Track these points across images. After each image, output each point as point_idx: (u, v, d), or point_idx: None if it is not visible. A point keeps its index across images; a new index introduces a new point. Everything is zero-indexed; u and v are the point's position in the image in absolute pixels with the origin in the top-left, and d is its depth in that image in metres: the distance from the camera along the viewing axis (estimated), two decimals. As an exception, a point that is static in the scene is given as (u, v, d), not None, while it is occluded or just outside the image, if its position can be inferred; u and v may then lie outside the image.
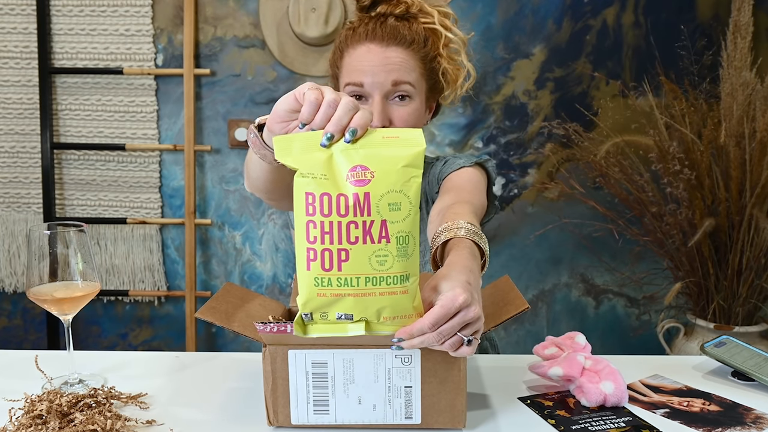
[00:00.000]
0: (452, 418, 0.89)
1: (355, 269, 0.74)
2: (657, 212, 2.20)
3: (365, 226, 0.74)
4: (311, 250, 0.74)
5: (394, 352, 0.87)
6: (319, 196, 0.74)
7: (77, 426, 0.87)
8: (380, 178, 0.75)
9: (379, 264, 0.74)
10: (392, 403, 0.89)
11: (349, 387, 0.88)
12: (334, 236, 0.74)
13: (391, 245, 0.75)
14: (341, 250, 0.73)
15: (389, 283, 0.75)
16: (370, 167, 0.75)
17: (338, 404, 0.89)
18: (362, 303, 0.75)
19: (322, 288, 0.74)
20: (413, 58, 1.21)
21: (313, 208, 0.74)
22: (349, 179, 0.75)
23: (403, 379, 0.88)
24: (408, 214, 0.75)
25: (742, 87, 2.10)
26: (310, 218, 0.74)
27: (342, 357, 0.87)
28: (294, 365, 0.88)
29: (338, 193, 0.74)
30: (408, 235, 0.75)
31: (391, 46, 1.19)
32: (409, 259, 0.76)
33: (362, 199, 0.74)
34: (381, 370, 0.88)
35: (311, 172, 0.75)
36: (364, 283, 0.74)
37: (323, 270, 0.74)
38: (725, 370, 1.11)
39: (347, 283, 0.74)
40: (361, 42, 1.20)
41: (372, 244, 0.74)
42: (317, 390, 0.88)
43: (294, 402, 0.89)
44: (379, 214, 0.74)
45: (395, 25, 1.20)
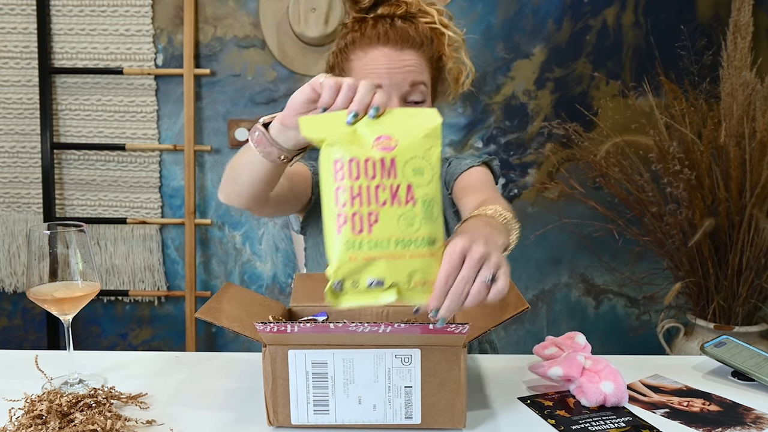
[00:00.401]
0: (452, 418, 0.89)
1: (385, 231, 0.76)
2: (657, 212, 2.20)
3: (392, 189, 0.77)
4: (341, 215, 0.76)
5: (394, 352, 0.87)
6: (347, 161, 0.77)
7: (77, 426, 0.87)
8: (404, 145, 0.78)
9: (407, 226, 0.76)
10: (392, 403, 0.89)
11: (349, 387, 0.88)
12: (363, 199, 0.76)
13: (418, 208, 0.77)
14: (370, 213, 0.76)
15: (418, 245, 0.76)
16: (394, 136, 0.79)
17: (338, 404, 0.89)
18: (393, 266, 0.76)
19: (353, 251, 0.75)
20: (423, 59, 1.21)
21: (341, 174, 0.77)
22: (375, 146, 0.78)
23: (403, 379, 0.88)
24: (431, 179, 0.78)
25: (742, 87, 2.10)
26: (338, 184, 0.77)
27: (342, 357, 0.87)
28: (294, 365, 0.88)
29: (366, 158, 0.77)
30: (432, 199, 0.78)
31: (405, 48, 1.19)
32: (434, 223, 0.78)
33: (388, 163, 0.77)
34: (381, 370, 0.88)
35: (338, 140, 0.78)
36: (394, 246, 0.76)
37: (354, 233, 0.75)
38: (725, 370, 1.11)
39: (378, 245, 0.75)
40: (374, 45, 1.19)
41: (399, 206, 0.76)
42: (317, 390, 0.88)
43: (294, 402, 0.89)
44: (404, 177, 0.77)
45: (404, 27, 1.20)
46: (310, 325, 0.84)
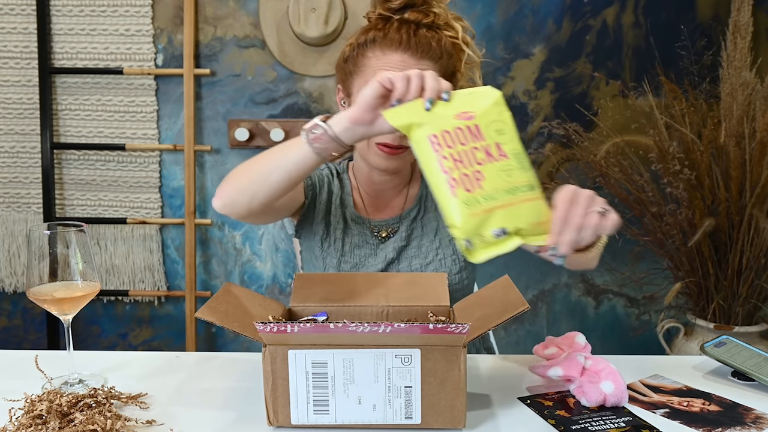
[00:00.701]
0: (452, 418, 0.89)
1: (492, 184, 0.84)
2: (657, 212, 2.20)
3: (485, 149, 0.86)
4: (450, 179, 0.84)
5: (394, 352, 0.87)
6: (440, 134, 0.87)
7: (77, 426, 0.87)
8: (480, 114, 0.88)
9: (508, 176, 0.85)
10: (392, 403, 0.89)
11: (349, 387, 0.88)
12: (465, 161, 0.85)
13: (511, 160, 0.86)
14: (475, 172, 0.84)
15: (523, 191, 0.85)
16: (469, 110, 0.89)
17: (338, 404, 0.89)
18: (509, 213, 0.84)
19: (472, 207, 0.83)
20: (439, 71, 1.20)
21: (439, 145, 0.86)
22: (458, 119, 0.88)
23: (402, 379, 0.88)
24: (512, 136, 0.88)
25: (742, 87, 2.10)
26: (439, 155, 0.86)
27: (342, 357, 0.87)
28: (294, 365, 0.88)
29: (454, 128, 0.87)
30: (519, 151, 0.88)
31: (424, 58, 1.19)
32: (528, 171, 0.87)
33: (474, 129, 0.87)
34: (381, 370, 0.88)
35: (427, 122, 0.88)
36: (504, 194, 0.84)
37: (467, 191, 0.84)
38: (725, 370, 1.12)
39: (491, 197, 0.83)
40: (394, 49, 1.19)
41: (496, 161, 0.86)
42: (317, 390, 0.88)
43: (294, 402, 0.89)
44: (491, 138, 0.87)
45: (427, 36, 1.19)
46: (310, 325, 0.85)
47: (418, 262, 1.31)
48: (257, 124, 2.46)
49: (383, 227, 1.34)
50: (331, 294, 1.09)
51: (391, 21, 1.22)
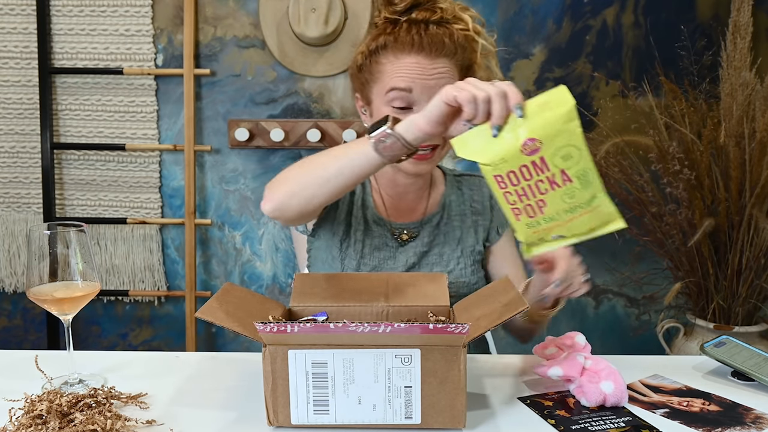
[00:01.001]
0: (452, 418, 0.89)
1: (554, 209, 0.89)
2: (657, 212, 2.20)
3: (549, 179, 0.88)
4: (515, 209, 0.91)
5: (394, 352, 0.87)
6: (505, 174, 0.90)
7: (77, 426, 0.87)
8: (547, 142, 0.87)
9: (570, 198, 0.89)
10: (392, 403, 0.89)
11: (349, 387, 0.88)
12: (528, 195, 0.89)
13: (574, 183, 0.88)
14: (538, 201, 0.89)
15: (582, 206, 0.89)
16: (537, 137, 0.88)
17: (338, 404, 0.89)
18: (569, 226, 0.91)
19: (534, 228, 0.90)
20: (455, 66, 1.20)
21: (504, 184, 0.90)
22: (524, 152, 0.88)
23: (402, 379, 0.88)
24: (580, 157, 0.88)
25: (742, 87, 2.10)
26: (505, 191, 0.90)
27: (342, 357, 0.87)
28: (294, 365, 0.88)
29: (519, 166, 0.89)
30: (585, 170, 0.88)
31: (439, 57, 1.18)
32: (591, 185, 0.89)
33: (539, 162, 0.88)
34: (381, 370, 0.88)
35: (492, 162, 0.90)
36: (564, 214, 0.89)
37: (529, 218, 0.90)
38: (725, 370, 1.12)
39: (551, 218, 0.90)
40: (407, 52, 1.18)
41: (559, 188, 0.89)
42: (317, 390, 0.89)
43: (294, 402, 0.89)
44: (556, 166, 0.88)
45: (438, 34, 1.18)
46: (310, 325, 0.85)
47: (438, 270, 1.31)
48: (257, 124, 2.46)
49: (404, 230, 1.33)
50: (331, 294, 1.09)
51: (399, 23, 1.21)
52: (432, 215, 1.34)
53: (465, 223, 1.35)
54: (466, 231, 1.35)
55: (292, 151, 2.49)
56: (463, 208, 1.36)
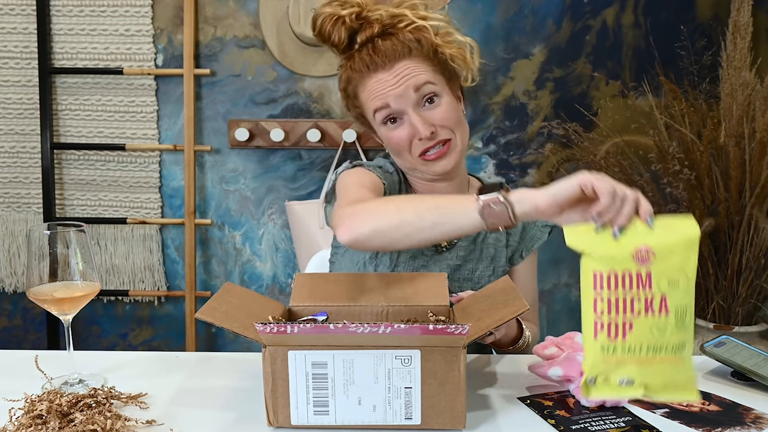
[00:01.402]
0: (452, 418, 0.89)
1: (637, 338, 0.82)
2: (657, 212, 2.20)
3: (647, 301, 0.83)
4: (598, 322, 0.83)
5: (394, 353, 0.87)
6: (606, 274, 0.84)
7: (77, 426, 0.87)
8: (661, 258, 0.84)
9: (659, 334, 0.82)
10: (392, 404, 0.89)
11: (349, 388, 0.88)
12: (619, 309, 0.83)
13: (670, 317, 0.83)
14: (625, 322, 0.83)
15: (667, 351, 0.82)
16: (653, 248, 0.84)
17: (338, 405, 0.89)
18: (643, 369, 0.84)
19: (608, 355, 0.83)
20: (419, 61, 1.20)
21: (600, 285, 0.84)
22: (634, 258, 0.84)
23: (402, 380, 0.88)
24: (686, 289, 0.83)
25: (742, 87, 2.10)
26: (597, 294, 0.84)
27: (342, 358, 0.87)
28: (294, 366, 0.88)
29: (623, 271, 0.84)
30: (686, 306, 0.84)
31: (394, 64, 1.19)
32: (686, 330, 0.84)
33: (645, 276, 0.83)
34: (381, 371, 0.88)
35: (599, 255, 0.85)
36: (645, 351, 0.82)
37: (609, 339, 0.83)
38: (725, 370, 1.12)
39: (630, 350, 0.82)
40: (367, 75, 1.21)
41: (653, 316, 0.83)
42: (317, 391, 0.89)
43: (294, 403, 0.89)
44: (659, 289, 0.83)
45: (386, 44, 1.20)
46: (310, 326, 0.85)
47: (469, 286, 1.29)
48: (257, 124, 2.46)
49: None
50: (331, 294, 1.09)
51: (353, 55, 1.24)
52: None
53: (500, 242, 1.33)
54: (500, 249, 1.33)
55: (292, 151, 2.50)
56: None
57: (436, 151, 1.22)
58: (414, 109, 1.20)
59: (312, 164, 2.50)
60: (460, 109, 1.26)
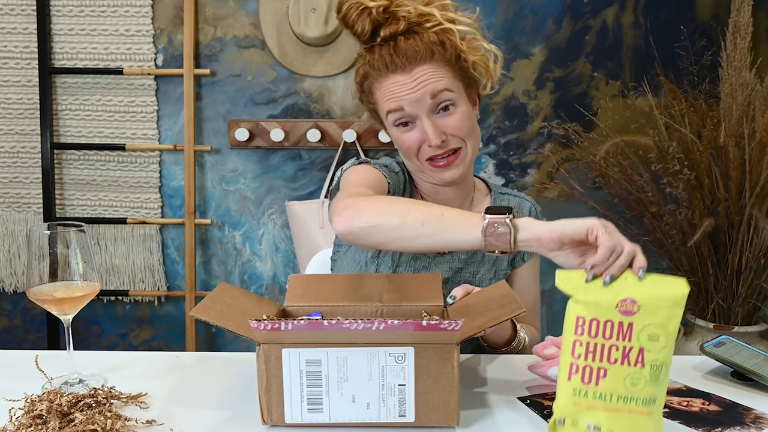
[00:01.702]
0: (446, 416, 0.89)
1: (610, 386, 0.83)
2: (657, 212, 2.21)
3: (625, 351, 0.84)
4: (574, 364, 0.85)
5: (387, 350, 0.87)
6: (588, 320, 0.85)
7: (77, 426, 0.87)
8: (645, 312, 0.84)
9: (632, 385, 0.83)
10: (386, 401, 0.89)
11: (343, 385, 0.88)
12: (596, 355, 0.84)
13: (645, 370, 0.83)
14: (601, 368, 0.84)
15: (638, 403, 0.83)
16: (638, 301, 0.84)
17: (332, 403, 0.89)
18: (611, 417, 0.84)
19: (579, 398, 0.84)
20: (440, 66, 1.18)
21: (581, 330, 0.85)
22: (618, 308, 0.85)
23: (396, 377, 0.88)
24: (665, 345, 0.84)
25: (742, 87, 2.10)
26: (577, 338, 0.85)
27: (336, 355, 0.87)
28: (288, 364, 0.88)
29: (606, 320, 0.85)
30: (662, 364, 0.84)
31: (414, 67, 1.17)
32: (659, 385, 0.84)
33: (626, 327, 0.84)
34: (375, 369, 0.88)
35: (585, 301, 0.86)
36: (616, 400, 0.83)
37: (582, 383, 0.84)
38: (725, 370, 1.12)
39: (601, 397, 0.83)
40: (385, 75, 1.18)
41: (628, 366, 0.84)
42: (311, 388, 0.89)
43: (288, 401, 0.89)
44: (638, 342, 0.84)
45: (408, 45, 1.17)
46: (304, 323, 0.85)
47: None
48: (257, 124, 2.46)
49: None
50: (326, 294, 1.09)
51: (373, 48, 1.21)
52: None
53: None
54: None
55: (292, 151, 2.50)
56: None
57: (445, 160, 1.21)
58: (428, 115, 1.18)
59: (312, 164, 2.50)
60: (474, 116, 1.24)
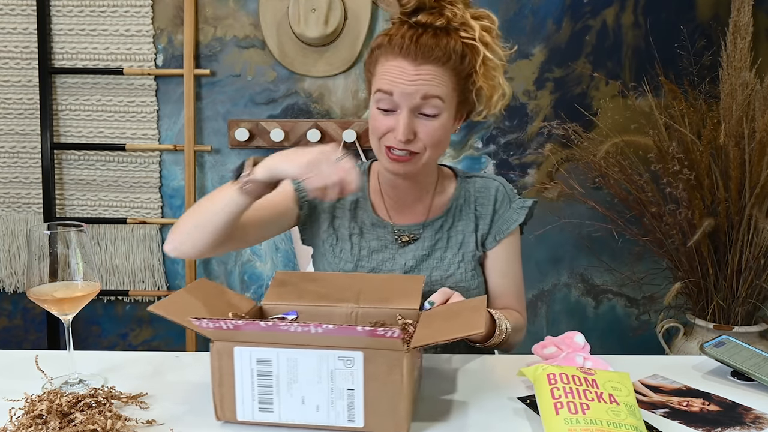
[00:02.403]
0: (395, 423, 0.87)
1: (597, 414, 0.87)
2: (656, 212, 2.20)
3: (597, 394, 0.91)
4: (557, 403, 0.89)
5: (337, 354, 0.86)
6: (558, 374, 0.94)
7: (77, 426, 0.87)
8: (602, 375, 0.95)
9: (615, 415, 0.88)
10: (335, 404, 0.88)
11: (293, 386, 0.88)
12: (575, 395, 0.90)
13: (621, 407, 0.89)
14: (583, 403, 0.89)
15: (626, 428, 0.86)
16: (593, 371, 0.97)
17: (282, 403, 0.89)
18: None
19: (572, 425, 0.86)
20: (447, 73, 1.18)
21: (555, 381, 0.93)
22: (579, 370, 0.96)
23: (345, 381, 0.87)
24: (628, 394, 0.92)
25: (742, 87, 2.10)
26: (553, 386, 0.92)
27: (286, 356, 0.87)
28: (240, 362, 0.88)
29: (572, 374, 0.94)
30: (633, 406, 0.90)
31: (424, 63, 1.17)
32: (638, 420, 0.88)
33: (590, 380, 0.94)
34: (324, 371, 0.87)
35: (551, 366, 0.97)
36: (606, 425, 0.86)
37: (570, 413, 0.88)
38: (725, 370, 1.12)
39: (592, 422, 0.86)
40: (394, 55, 1.18)
41: (605, 404, 0.89)
42: (262, 387, 0.88)
43: (240, 398, 0.89)
44: (605, 390, 0.92)
45: (431, 41, 1.17)
46: (242, 322, 0.85)
47: (438, 274, 1.30)
48: (257, 124, 2.46)
49: (405, 232, 1.32)
50: (306, 293, 1.09)
51: (403, 25, 1.21)
52: (435, 219, 1.33)
53: (468, 227, 1.33)
54: (469, 235, 1.33)
55: (292, 151, 2.49)
56: (467, 211, 1.34)
57: (400, 155, 1.21)
58: (409, 111, 1.19)
59: (312, 164, 2.50)
60: (451, 130, 1.25)
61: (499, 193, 1.35)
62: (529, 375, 0.98)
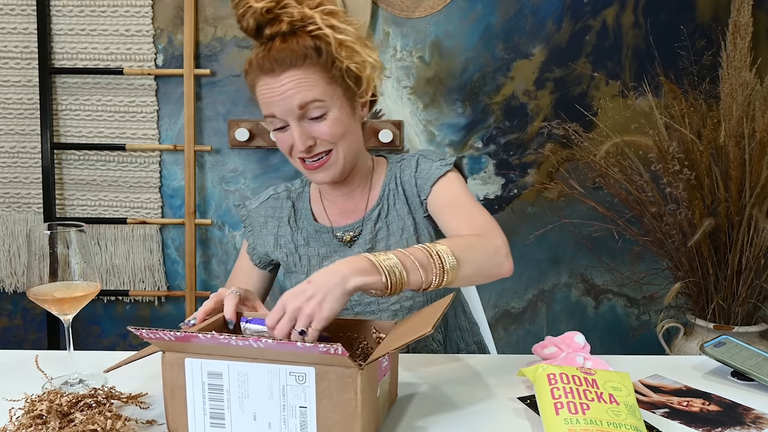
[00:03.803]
0: None
1: (597, 414, 0.88)
2: (657, 212, 2.20)
3: (597, 394, 0.92)
4: (557, 403, 0.90)
5: (288, 369, 0.83)
6: (558, 374, 0.95)
7: (77, 426, 0.87)
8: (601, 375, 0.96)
9: (615, 415, 0.88)
10: (287, 422, 0.84)
11: (245, 402, 0.85)
12: (575, 395, 0.91)
13: (621, 407, 0.90)
14: (583, 403, 0.89)
15: (626, 428, 0.86)
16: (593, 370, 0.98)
17: (234, 418, 0.85)
18: None
19: (572, 425, 0.86)
20: (312, 72, 1.16)
21: (555, 381, 0.93)
22: (579, 370, 0.96)
23: (297, 398, 0.83)
24: (628, 394, 0.93)
25: (742, 87, 2.10)
26: (553, 386, 0.92)
27: (237, 369, 0.84)
28: (191, 374, 0.86)
29: (572, 374, 0.95)
30: (633, 406, 0.91)
31: (283, 72, 1.15)
32: (638, 420, 0.88)
33: (591, 380, 0.94)
34: (275, 387, 0.83)
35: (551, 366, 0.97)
36: (606, 424, 0.86)
37: (570, 413, 0.88)
38: (725, 370, 1.12)
39: (592, 422, 0.86)
40: (259, 77, 1.18)
41: (605, 404, 0.90)
42: (213, 402, 0.86)
43: (191, 412, 0.86)
44: (605, 390, 0.93)
45: (280, 48, 1.15)
46: (181, 333, 0.82)
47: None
48: (257, 124, 2.46)
49: (346, 232, 1.31)
50: None
51: (261, 41, 1.19)
52: (371, 210, 1.31)
53: (403, 209, 1.30)
54: (407, 216, 1.30)
55: (292, 151, 2.49)
56: (398, 192, 1.31)
57: (316, 162, 1.21)
58: (297, 122, 1.17)
59: (312, 164, 2.50)
60: (353, 120, 1.22)
61: (421, 160, 1.31)
62: (529, 375, 0.99)
